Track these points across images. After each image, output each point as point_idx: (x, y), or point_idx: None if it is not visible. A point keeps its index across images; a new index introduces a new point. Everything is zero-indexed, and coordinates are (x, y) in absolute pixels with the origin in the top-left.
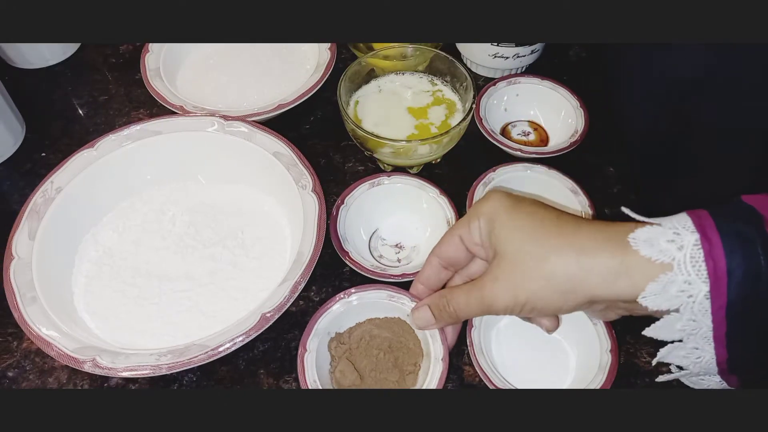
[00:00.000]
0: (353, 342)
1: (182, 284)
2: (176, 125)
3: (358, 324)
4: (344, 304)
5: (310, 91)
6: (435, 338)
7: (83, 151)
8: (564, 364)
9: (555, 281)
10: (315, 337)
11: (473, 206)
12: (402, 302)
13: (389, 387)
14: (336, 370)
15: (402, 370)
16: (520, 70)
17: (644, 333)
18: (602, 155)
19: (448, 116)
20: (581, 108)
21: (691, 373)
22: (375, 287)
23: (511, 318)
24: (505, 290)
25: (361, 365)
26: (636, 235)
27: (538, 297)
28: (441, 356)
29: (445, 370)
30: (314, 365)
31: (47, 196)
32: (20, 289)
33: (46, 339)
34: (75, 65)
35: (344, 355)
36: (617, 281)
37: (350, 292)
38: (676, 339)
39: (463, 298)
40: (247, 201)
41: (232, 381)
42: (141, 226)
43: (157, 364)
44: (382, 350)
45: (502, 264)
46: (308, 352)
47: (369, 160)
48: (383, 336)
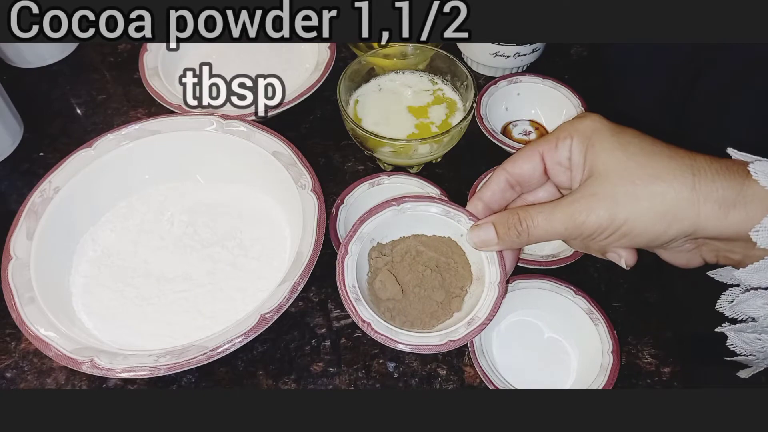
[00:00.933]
0: (396, 255)
1: (181, 284)
2: (175, 124)
3: (403, 238)
4: (394, 212)
5: (310, 90)
6: (492, 261)
7: (81, 151)
8: (565, 365)
9: (664, 203)
10: (358, 241)
11: (563, 125)
12: (458, 220)
13: (432, 308)
14: (376, 281)
15: (448, 291)
16: (521, 69)
17: (734, 274)
18: None
19: (448, 115)
20: (582, 107)
21: (755, 327)
22: (430, 200)
23: (512, 319)
24: (603, 206)
25: (405, 279)
26: (756, 167)
27: (639, 219)
28: (498, 281)
29: (502, 295)
30: (355, 270)
31: (45, 195)
32: (18, 289)
33: (45, 340)
34: (73, 64)
35: (385, 267)
36: (731, 211)
37: (403, 200)
38: (763, 286)
39: (544, 215)
40: (246, 201)
41: (231, 382)
42: (139, 226)
43: (156, 365)
44: (429, 267)
45: (602, 181)
46: (350, 255)
47: (369, 160)
48: (430, 255)
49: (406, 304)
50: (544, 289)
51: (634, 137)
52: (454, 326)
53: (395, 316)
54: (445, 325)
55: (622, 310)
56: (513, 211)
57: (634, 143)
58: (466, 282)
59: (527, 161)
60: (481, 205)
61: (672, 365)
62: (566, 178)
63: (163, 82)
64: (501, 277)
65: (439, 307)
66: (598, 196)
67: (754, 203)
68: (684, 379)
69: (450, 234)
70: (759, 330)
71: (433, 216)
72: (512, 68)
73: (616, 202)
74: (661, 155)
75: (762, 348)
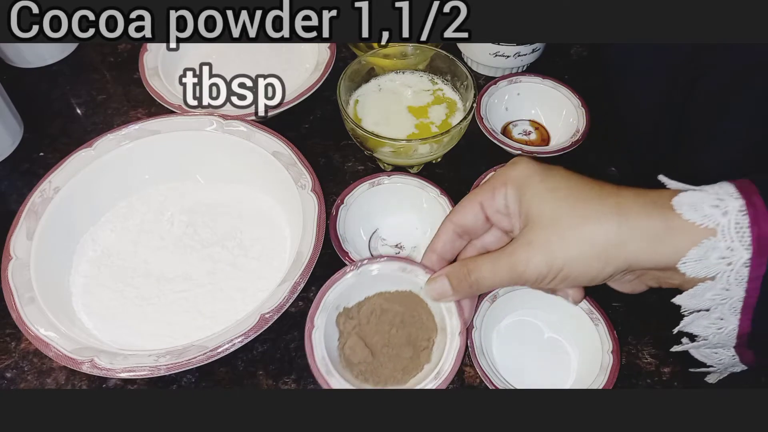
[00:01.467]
0: (362, 317)
1: (181, 284)
2: (175, 124)
3: (368, 298)
4: (354, 276)
5: (310, 90)
6: (451, 312)
7: (81, 151)
8: (565, 365)
9: (594, 246)
10: (323, 312)
11: (497, 173)
12: (416, 274)
13: (403, 364)
14: (345, 347)
15: (416, 346)
16: (521, 68)
17: (673, 301)
18: (604, 155)
19: (448, 115)
20: (583, 107)
21: (707, 344)
22: (386, 259)
23: (512, 318)
24: (540, 255)
25: (372, 341)
26: (679, 199)
27: (575, 263)
28: (458, 330)
29: (463, 345)
30: (323, 342)
31: (45, 195)
32: (18, 289)
33: (45, 340)
34: (73, 64)
35: (353, 331)
36: (659, 246)
37: (360, 264)
38: (703, 308)
39: (488, 266)
40: (246, 201)
41: (231, 382)
42: (139, 226)
43: (156, 365)
44: (395, 325)
45: (536, 229)
46: (316, 329)
47: (369, 160)
48: (395, 310)
49: (377, 365)
50: None
51: (563, 180)
52: (424, 380)
53: (368, 378)
54: (416, 379)
55: (622, 310)
56: (463, 263)
57: (562, 187)
58: (432, 333)
59: (469, 212)
60: (435, 257)
61: (672, 365)
62: (508, 223)
63: (163, 82)
64: (461, 327)
65: (410, 362)
66: (534, 245)
67: (680, 236)
68: (684, 379)
69: (411, 288)
70: (711, 346)
71: (393, 273)
72: (512, 68)
73: (551, 250)
74: (588, 197)
75: (720, 360)
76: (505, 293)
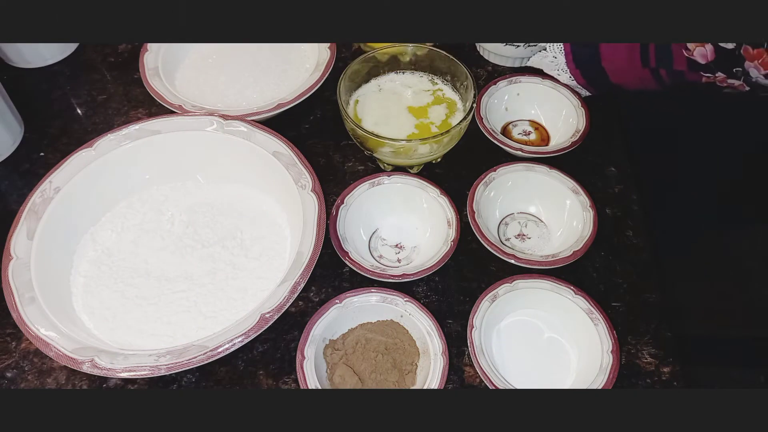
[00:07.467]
0: (348, 347)
1: (181, 284)
2: (175, 125)
3: (351, 330)
4: (337, 309)
5: (310, 91)
6: (432, 335)
7: (82, 151)
8: (565, 365)
9: None
10: (312, 344)
11: None
12: (395, 303)
13: (390, 387)
14: (335, 376)
15: (401, 370)
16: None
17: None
18: (603, 155)
19: (448, 115)
20: (582, 107)
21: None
22: (366, 291)
23: (512, 318)
24: None
25: (360, 368)
26: None
27: None
28: (441, 351)
29: (447, 364)
30: (314, 372)
31: (46, 195)
32: (19, 289)
33: (45, 339)
34: (73, 65)
35: (341, 361)
36: None
37: (343, 297)
38: None
39: None
40: (247, 201)
41: (231, 382)
42: (140, 226)
43: (156, 364)
44: (380, 352)
45: None
46: (307, 359)
47: (369, 160)
48: (378, 339)
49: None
50: (544, 289)
51: None
52: None
53: None
54: None
55: (622, 310)
56: None
57: None
58: (415, 357)
59: None
60: None
61: (672, 365)
62: None
63: (163, 82)
64: (443, 348)
65: (396, 386)
66: None
67: None
68: (684, 379)
69: (392, 317)
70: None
71: (374, 304)
72: (522, 57)
73: None
74: None
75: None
76: (505, 293)
